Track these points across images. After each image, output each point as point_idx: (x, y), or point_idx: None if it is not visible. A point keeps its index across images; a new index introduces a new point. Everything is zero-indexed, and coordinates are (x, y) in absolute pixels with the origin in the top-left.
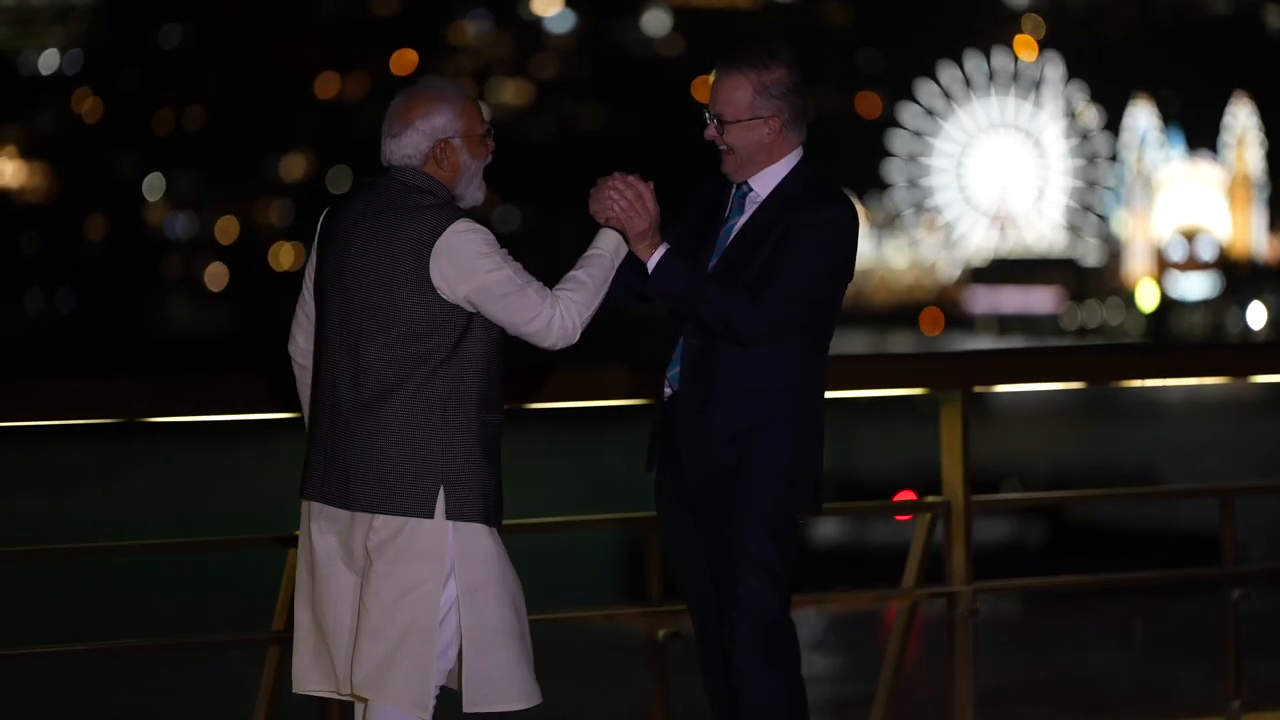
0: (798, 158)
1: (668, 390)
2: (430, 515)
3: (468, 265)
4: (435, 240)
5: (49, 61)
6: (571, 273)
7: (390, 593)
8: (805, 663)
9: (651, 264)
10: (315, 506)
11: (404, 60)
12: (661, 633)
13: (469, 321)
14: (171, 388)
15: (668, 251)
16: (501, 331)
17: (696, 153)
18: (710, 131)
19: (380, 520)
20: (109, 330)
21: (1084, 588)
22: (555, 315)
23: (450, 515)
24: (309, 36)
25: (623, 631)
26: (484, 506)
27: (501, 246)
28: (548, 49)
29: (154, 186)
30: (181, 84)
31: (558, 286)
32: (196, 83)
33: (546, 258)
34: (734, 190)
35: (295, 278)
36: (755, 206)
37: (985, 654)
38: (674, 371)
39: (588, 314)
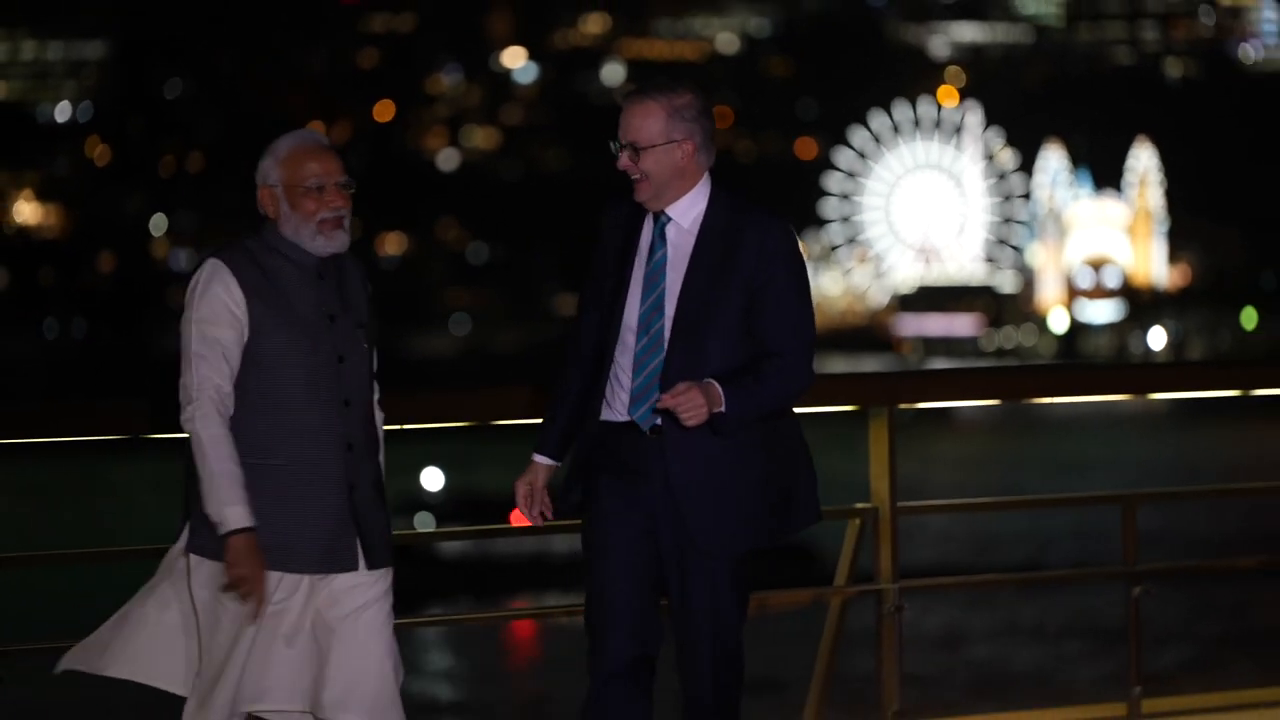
0: (709, 184)
1: (625, 417)
2: (177, 541)
3: (188, 298)
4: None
5: (63, 111)
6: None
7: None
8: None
9: (728, 419)
10: None
11: (384, 109)
12: None
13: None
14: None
15: (728, 405)
16: (286, 375)
17: None
18: (624, 161)
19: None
20: (118, 355)
21: (1003, 586)
22: (198, 407)
23: (189, 548)
24: (298, 87)
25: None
26: (219, 547)
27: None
28: (515, 99)
29: (159, 224)
30: (183, 131)
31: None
32: (197, 130)
33: (515, 289)
34: (653, 222)
35: None
36: (686, 239)
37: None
38: (642, 410)
39: (200, 447)
